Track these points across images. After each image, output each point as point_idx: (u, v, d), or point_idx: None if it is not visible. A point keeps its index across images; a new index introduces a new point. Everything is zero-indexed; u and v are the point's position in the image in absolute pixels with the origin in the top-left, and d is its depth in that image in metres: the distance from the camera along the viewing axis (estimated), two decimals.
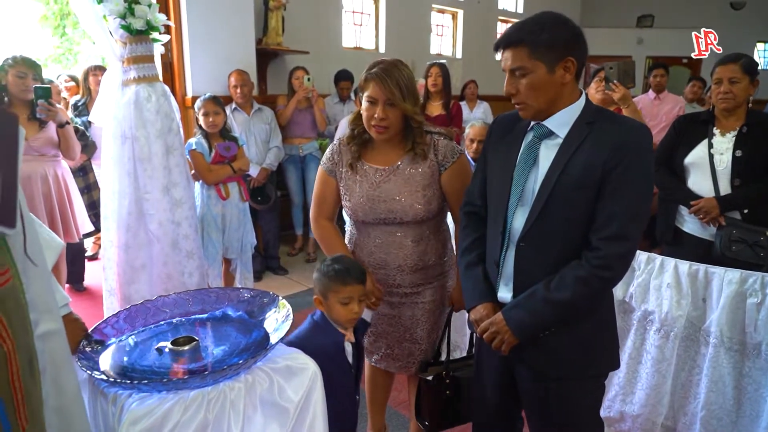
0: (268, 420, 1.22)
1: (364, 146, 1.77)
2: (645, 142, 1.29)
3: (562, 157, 1.31)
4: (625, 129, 1.29)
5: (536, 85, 1.29)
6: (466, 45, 7.21)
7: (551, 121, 1.35)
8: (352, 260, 1.62)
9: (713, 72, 2.35)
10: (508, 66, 1.32)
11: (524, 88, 1.30)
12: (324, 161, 1.82)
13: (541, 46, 1.27)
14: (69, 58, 9.37)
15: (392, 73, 1.61)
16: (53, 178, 2.98)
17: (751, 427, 1.94)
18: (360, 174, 1.75)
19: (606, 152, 1.26)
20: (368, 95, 1.63)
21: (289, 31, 4.87)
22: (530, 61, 1.28)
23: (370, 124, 1.65)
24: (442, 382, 1.80)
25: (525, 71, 1.29)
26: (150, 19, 2.44)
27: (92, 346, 1.29)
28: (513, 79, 1.32)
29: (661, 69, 4.73)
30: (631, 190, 1.25)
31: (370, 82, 1.62)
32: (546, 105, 1.32)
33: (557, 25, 1.29)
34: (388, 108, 1.62)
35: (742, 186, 2.26)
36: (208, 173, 3.09)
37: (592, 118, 1.32)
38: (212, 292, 1.55)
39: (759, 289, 1.87)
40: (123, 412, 1.08)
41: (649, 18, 9.90)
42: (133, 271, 2.61)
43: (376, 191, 1.72)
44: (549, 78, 1.29)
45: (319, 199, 1.84)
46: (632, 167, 1.25)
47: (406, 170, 1.72)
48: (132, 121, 2.50)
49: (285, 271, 4.32)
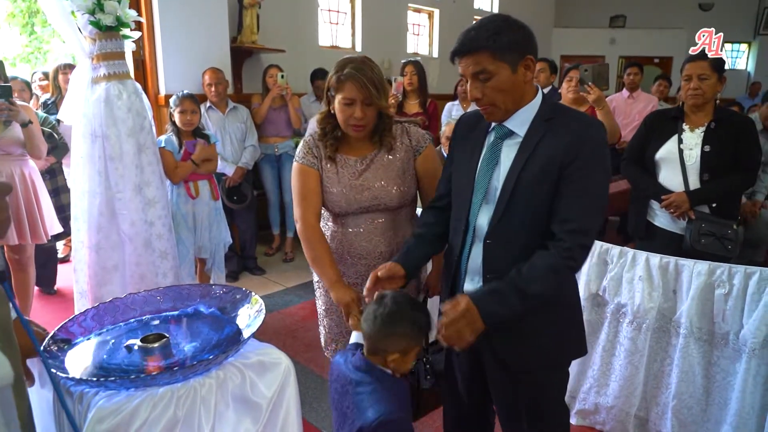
0: (240, 416, 1.20)
1: (339, 140, 1.78)
2: (599, 137, 1.32)
3: (522, 155, 1.33)
4: (580, 124, 1.32)
5: (502, 86, 1.31)
6: (443, 44, 7.24)
7: (511, 122, 1.37)
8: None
9: (683, 69, 2.40)
10: (470, 71, 1.33)
11: (490, 91, 1.31)
12: (301, 156, 1.78)
13: (503, 49, 1.29)
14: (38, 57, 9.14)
15: (365, 71, 1.62)
16: (20, 178, 2.90)
17: (719, 414, 1.98)
18: (340, 165, 1.76)
19: (563, 147, 1.29)
20: (345, 96, 1.62)
21: (265, 29, 4.84)
22: (494, 63, 1.29)
23: (348, 124, 1.66)
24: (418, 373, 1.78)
25: (489, 74, 1.30)
26: (120, 15, 2.39)
27: (58, 345, 1.26)
28: (477, 83, 1.33)
29: (636, 68, 4.81)
30: (589, 183, 1.29)
31: (346, 82, 1.61)
32: (513, 105, 1.34)
33: (511, 27, 1.32)
34: (366, 107, 1.63)
35: (710, 180, 2.31)
36: (174, 171, 3.05)
37: (549, 114, 1.35)
38: (184, 288, 1.52)
39: (726, 280, 1.91)
40: (89, 410, 1.06)
41: (621, 18, 10.08)
42: (105, 273, 2.56)
43: (359, 180, 1.74)
44: (513, 78, 1.31)
45: (302, 195, 1.77)
46: (589, 161, 1.28)
47: (384, 158, 1.76)
48: (102, 119, 2.44)
49: (262, 271, 4.28)
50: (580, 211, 1.28)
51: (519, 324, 1.36)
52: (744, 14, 9.98)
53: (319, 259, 1.69)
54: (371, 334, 1.32)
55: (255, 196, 4.28)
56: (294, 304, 3.70)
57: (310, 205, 1.76)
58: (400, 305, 1.32)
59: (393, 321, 1.30)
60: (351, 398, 1.27)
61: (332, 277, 1.64)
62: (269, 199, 4.52)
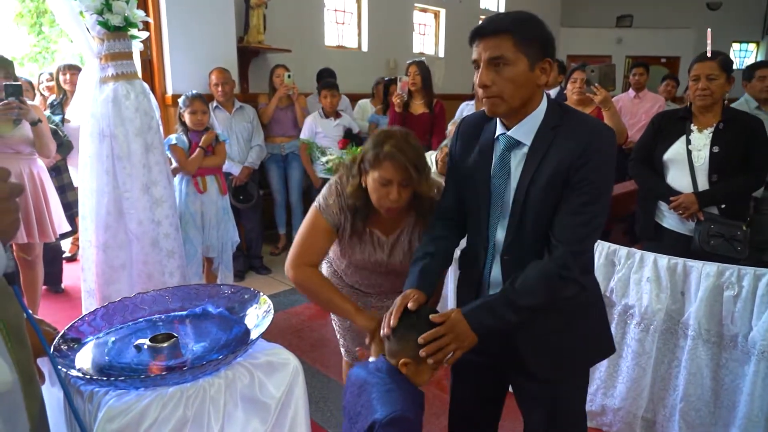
0: (249, 416, 1.20)
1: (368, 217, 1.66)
2: (606, 145, 1.27)
3: (530, 166, 1.29)
4: (587, 133, 1.27)
5: (516, 79, 1.24)
6: (449, 44, 7.23)
7: (516, 131, 1.32)
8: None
9: (690, 69, 2.38)
10: (487, 56, 1.24)
11: (503, 79, 1.24)
12: (327, 210, 1.63)
13: (527, 40, 1.23)
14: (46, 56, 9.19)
15: (406, 151, 1.49)
16: (29, 177, 2.92)
17: (728, 417, 1.97)
18: (362, 239, 1.68)
19: (569, 157, 1.25)
20: (381, 176, 1.50)
21: (271, 29, 4.85)
22: (514, 52, 1.22)
23: (381, 204, 1.55)
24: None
25: (507, 62, 1.23)
26: (128, 15, 2.41)
27: (68, 344, 1.26)
28: (490, 69, 1.25)
29: (642, 68, 4.80)
30: (591, 196, 1.25)
31: (384, 161, 1.49)
32: (520, 103, 1.28)
33: (539, 23, 1.27)
34: (402, 188, 1.51)
35: (719, 181, 2.30)
36: (187, 163, 3.09)
37: (555, 121, 1.30)
38: (192, 288, 1.52)
39: (735, 282, 1.90)
40: (99, 409, 1.06)
41: (628, 18, 10.04)
42: (112, 271, 2.57)
43: (378, 259, 1.69)
44: (529, 75, 1.25)
45: (306, 247, 1.64)
46: (593, 173, 1.24)
47: (405, 241, 1.69)
48: (110, 118, 2.46)
49: (268, 271, 4.29)
50: (577, 221, 1.25)
51: (546, 335, 1.34)
52: (752, 14, 9.92)
53: (329, 301, 1.61)
54: (391, 336, 1.31)
55: (261, 195, 4.29)
56: (300, 303, 3.70)
57: (309, 259, 1.65)
58: (422, 315, 1.31)
59: (411, 327, 1.28)
60: (366, 397, 1.26)
61: (350, 309, 1.57)
62: (275, 198, 4.53)
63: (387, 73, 5.53)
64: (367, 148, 1.56)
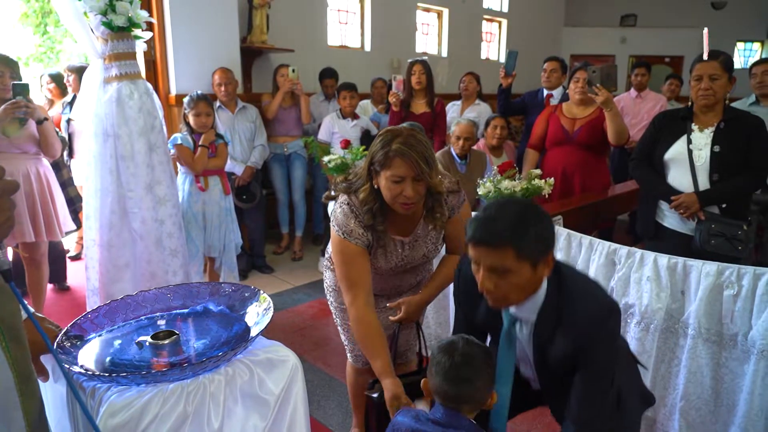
0: (249, 412, 1.22)
1: (386, 223, 1.69)
2: (612, 324, 1.31)
3: (540, 347, 1.36)
4: (592, 311, 1.29)
5: (522, 283, 1.26)
6: (452, 43, 7.23)
7: (520, 311, 1.37)
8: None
9: (692, 69, 2.38)
10: (488, 264, 1.25)
11: (506, 285, 1.26)
12: (352, 235, 1.64)
13: (528, 247, 1.22)
14: (51, 56, 9.24)
15: (415, 146, 1.53)
16: (35, 176, 2.94)
17: (728, 416, 1.97)
18: (387, 247, 1.73)
19: (576, 338, 1.29)
20: (394, 174, 1.53)
21: (274, 29, 4.86)
22: (517, 262, 1.22)
23: (396, 201, 1.58)
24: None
25: (509, 270, 1.24)
26: (131, 15, 2.43)
27: (71, 341, 1.28)
28: (492, 275, 1.25)
29: (643, 68, 4.80)
30: (599, 373, 1.31)
31: (395, 159, 1.52)
32: (524, 298, 1.31)
33: (538, 219, 1.24)
34: (416, 184, 1.55)
35: (720, 181, 2.30)
36: (194, 161, 3.11)
37: (557, 302, 1.32)
38: (193, 287, 1.54)
39: (735, 281, 1.90)
40: (101, 405, 1.08)
41: (632, 17, 10.00)
42: (116, 270, 2.59)
43: (402, 260, 1.77)
44: (533, 276, 1.26)
45: (354, 280, 1.65)
46: (601, 352, 1.29)
47: (426, 236, 1.77)
48: (114, 118, 2.48)
49: (271, 270, 4.31)
50: (586, 403, 1.32)
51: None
52: (757, 13, 9.86)
53: (374, 348, 1.60)
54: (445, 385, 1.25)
55: (264, 195, 4.31)
56: (302, 302, 3.72)
57: (363, 289, 1.65)
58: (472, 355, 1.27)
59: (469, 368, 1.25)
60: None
61: (384, 368, 1.57)
62: (278, 198, 4.54)
63: (390, 73, 5.53)
64: (375, 150, 1.57)
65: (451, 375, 1.24)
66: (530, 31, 8.42)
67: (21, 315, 0.87)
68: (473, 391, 1.26)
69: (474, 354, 1.27)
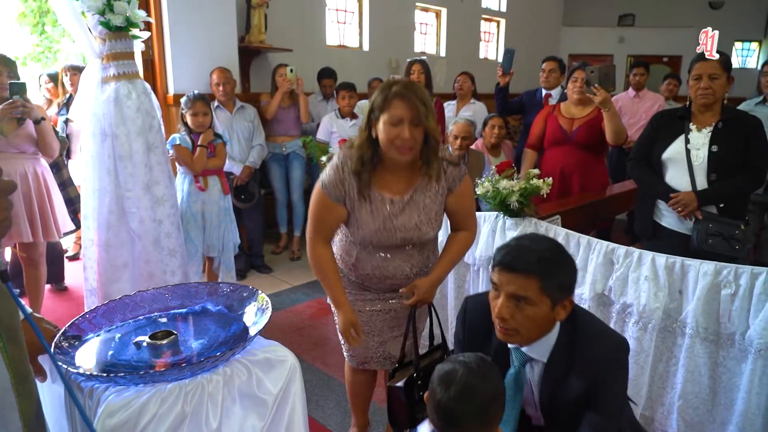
0: (247, 412, 1.22)
1: (374, 170, 1.68)
2: (624, 359, 1.32)
3: (550, 389, 1.34)
4: (606, 351, 1.31)
5: (537, 319, 1.26)
6: (450, 43, 7.23)
7: (531, 350, 1.36)
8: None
9: (692, 68, 2.38)
10: (511, 290, 1.25)
11: (523, 318, 1.26)
12: (328, 185, 1.69)
13: (553, 285, 1.24)
14: (48, 56, 9.22)
15: (414, 90, 1.56)
16: (33, 176, 2.94)
17: (725, 415, 1.98)
18: (372, 204, 1.69)
19: (590, 378, 1.29)
20: (392, 115, 1.55)
21: (273, 28, 4.86)
22: (539, 295, 1.24)
23: (393, 144, 1.58)
24: (413, 385, 1.74)
25: (530, 302, 1.25)
26: (129, 15, 2.43)
27: (69, 341, 1.28)
28: (512, 304, 1.26)
29: (641, 68, 4.80)
30: (612, 405, 1.31)
31: (393, 100, 1.55)
32: (537, 336, 1.31)
33: (569, 264, 1.28)
34: (413, 128, 1.56)
35: (718, 180, 2.31)
36: (193, 161, 3.10)
37: (570, 340, 1.32)
38: (192, 287, 1.54)
39: (732, 281, 1.91)
40: (99, 405, 1.08)
41: (630, 17, 10.02)
42: (114, 270, 2.59)
43: (393, 223, 1.70)
44: (549, 314, 1.27)
45: (318, 223, 1.74)
46: (611, 387, 1.29)
47: (420, 201, 1.72)
48: (112, 118, 2.48)
49: (269, 270, 4.31)
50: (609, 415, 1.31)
51: None
52: (754, 12, 9.88)
53: (327, 280, 1.75)
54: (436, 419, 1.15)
55: (262, 195, 4.31)
56: (301, 302, 3.72)
57: (323, 235, 1.76)
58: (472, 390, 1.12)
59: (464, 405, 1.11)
60: None
61: (339, 298, 1.69)
62: (277, 198, 4.54)
63: (388, 73, 5.53)
64: (375, 96, 1.61)
65: (441, 412, 1.13)
66: (528, 30, 8.43)
67: (19, 315, 0.87)
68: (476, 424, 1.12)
69: (475, 388, 1.11)
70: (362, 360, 1.97)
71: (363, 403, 2.16)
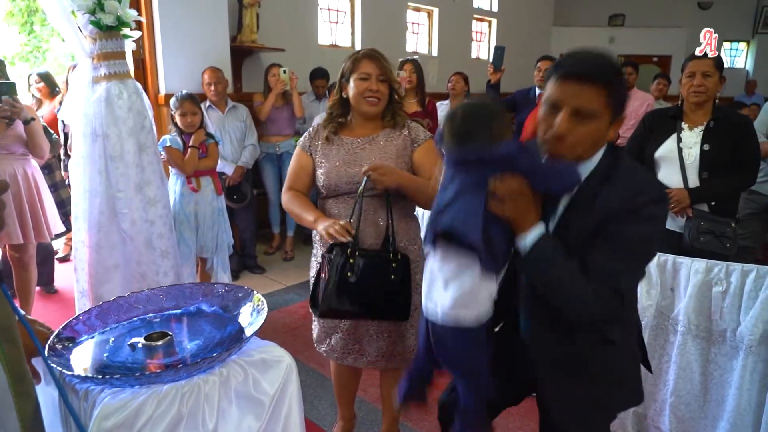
0: (243, 413, 1.21)
1: (342, 125, 1.89)
2: (658, 209, 1.16)
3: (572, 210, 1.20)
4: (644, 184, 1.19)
5: (594, 135, 1.14)
6: (442, 43, 7.25)
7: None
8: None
9: (685, 66, 2.40)
10: (575, 104, 1.11)
11: (581, 136, 1.13)
12: (302, 140, 1.93)
13: (617, 93, 1.12)
14: (37, 56, 9.14)
15: (378, 53, 1.84)
16: (23, 177, 2.91)
17: (717, 411, 2.00)
18: (336, 144, 1.86)
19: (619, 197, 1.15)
20: (361, 72, 1.78)
21: (265, 28, 4.85)
22: (605, 107, 1.11)
23: (363, 97, 1.79)
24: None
25: (593, 117, 1.12)
26: (120, 14, 2.41)
27: (63, 343, 1.27)
28: (572, 119, 1.12)
29: (630, 67, 4.84)
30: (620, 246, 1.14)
31: (362, 60, 1.80)
32: (587, 156, 1.18)
33: (624, 77, 1.17)
34: (380, 82, 1.79)
35: (709, 179, 2.33)
36: (184, 162, 3.08)
37: (612, 166, 1.19)
38: (186, 287, 1.53)
39: (724, 278, 1.93)
40: (95, 407, 1.07)
41: (620, 17, 10.09)
42: (105, 271, 2.57)
43: (351, 156, 1.83)
44: (605, 132, 1.15)
45: (292, 175, 1.93)
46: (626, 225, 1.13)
47: (381, 141, 1.85)
48: (103, 118, 2.46)
49: (262, 270, 4.30)
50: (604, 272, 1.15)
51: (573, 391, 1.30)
52: (742, 13, 9.99)
53: (300, 207, 1.84)
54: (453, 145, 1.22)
55: (255, 195, 4.29)
56: (294, 302, 3.71)
57: (295, 184, 1.92)
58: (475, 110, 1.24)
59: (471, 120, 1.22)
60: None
61: (316, 214, 1.78)
62: (269, 198, 4.53)
63: None
64: (344, 65, 1.84)
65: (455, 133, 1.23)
66: (520, 30, 8.46)
67: (15, 316, 0.87)
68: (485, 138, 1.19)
69: (476, 106, 1.25)
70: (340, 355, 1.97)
71: (348, 394, 2.17)
